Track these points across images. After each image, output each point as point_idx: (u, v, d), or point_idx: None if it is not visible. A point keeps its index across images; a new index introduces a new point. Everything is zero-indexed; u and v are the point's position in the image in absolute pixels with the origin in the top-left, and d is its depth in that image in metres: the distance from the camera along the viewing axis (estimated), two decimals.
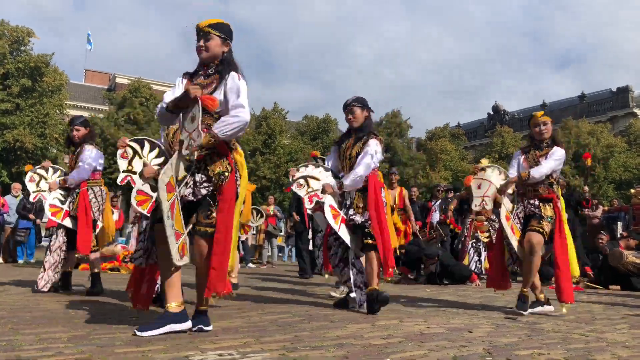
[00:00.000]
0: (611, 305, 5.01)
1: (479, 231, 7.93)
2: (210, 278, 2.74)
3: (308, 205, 4.15)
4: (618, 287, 6.93)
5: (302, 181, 4.14)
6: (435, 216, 9.37)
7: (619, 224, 9.01)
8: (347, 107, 4.27)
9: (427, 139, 37.22)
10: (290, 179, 4.19)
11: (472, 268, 7.96)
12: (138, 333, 2.64)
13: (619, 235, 8.58)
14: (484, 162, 4.60)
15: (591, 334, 3.20)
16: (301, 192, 4.15)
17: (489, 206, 4.44)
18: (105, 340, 2.52)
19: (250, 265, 12.34)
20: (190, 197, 2.82)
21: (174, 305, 2.78)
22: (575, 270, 4.28)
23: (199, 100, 2.72)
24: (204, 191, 2.83)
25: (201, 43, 2.98)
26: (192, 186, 2.83)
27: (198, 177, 2.85)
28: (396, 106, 44.70)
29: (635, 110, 38.64)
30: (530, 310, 4.17)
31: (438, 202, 9.65)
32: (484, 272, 8.16)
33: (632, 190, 9.50)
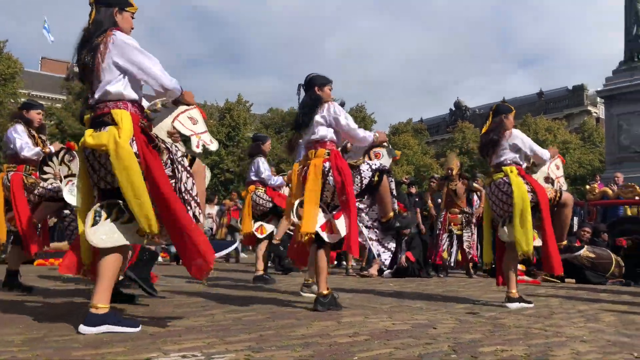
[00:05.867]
0: (567, 299, 5.16)
1: (452, 224, 8.05)
2: None
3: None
4: (573, 280, 7.15)
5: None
6: None
7: (575, 219, 9.30)
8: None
9: (390, 133, 37.56)
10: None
11: (449, 262, 8.08)
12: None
13: (574, 230, 8.84)
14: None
15: (550, 329, 3.28)
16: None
17: (565, 187, 4.74)
18: (62, 343, 2.43)
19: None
20: None
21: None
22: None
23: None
24: None
25: None
26: None
27: None
28: (361, 101, 44.92)
29: (589, 108, 40.02)
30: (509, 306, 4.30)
31: None
32: (455, 265, 8.28)
33: (587, 187, 9.83)
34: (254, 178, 6.23)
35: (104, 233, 2.71)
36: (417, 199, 10.77)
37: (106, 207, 2.76)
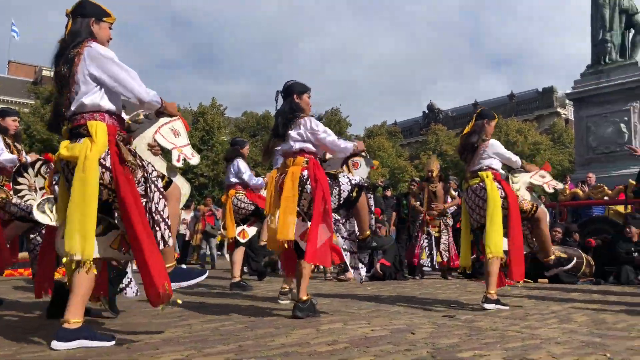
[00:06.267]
0: (541, 299, 5.26)
1: (430, 226, 8.14)
2: None
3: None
4: (546, 280, 7.28)
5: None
6: None
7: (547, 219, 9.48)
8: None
9: (365, 136, 37.77)
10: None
11: (427, 264, 8.13)
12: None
13: None
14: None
15: (525, 331, 3.33)
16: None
17: (560, 186, 5.34)
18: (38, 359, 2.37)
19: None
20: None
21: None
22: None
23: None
24: None
25: None
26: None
27: None
28: (336, 104, 45.01)
29: (559, 109, 40.90)
30: (487, 306, 4.33)
31: None
32: (437, 267, 8.34)
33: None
34: (233, 180, 6.13)
35: None
36: (393, 202, 10.86)
37: None
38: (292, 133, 3.85)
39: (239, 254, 6.22)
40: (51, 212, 3.07)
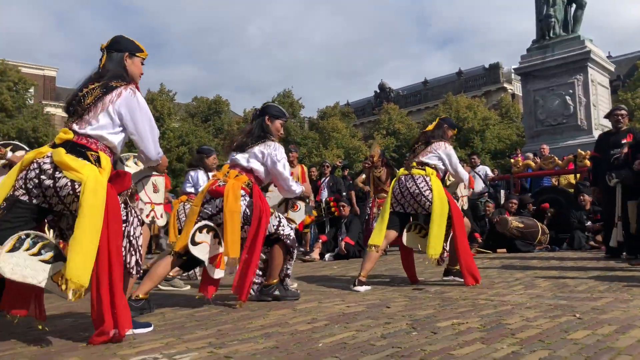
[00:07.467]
0: (503, 268, 5.43)
1: (381, 208, 8.21)
2: None
3: None
4: (504, 250, 7.53)
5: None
6: (324, 194, 9.42)
7: (502, 192, 9.77)
8: None
9: (318, 118, 37.74)
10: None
11: None
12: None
13: (502, 202, 9.30)
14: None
15: (495, 298, 3.43)
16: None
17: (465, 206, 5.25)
18: (6, 358, 2.26)
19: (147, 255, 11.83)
20: None
21: None
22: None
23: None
24: None
25: None
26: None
27: None
28: (288, 86, 44.63)
29: (505, 85, 42.01)
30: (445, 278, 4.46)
31: (326, 180, 9.72)
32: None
33: (512, 160, 10.34)
34: (189, 190, 5.92)
35: (16, 264, 2.40)
36: (351, 182, 10.91)
37: (33, 238, 2.50)
38: (256, 149, 3.74)
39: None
40: None
